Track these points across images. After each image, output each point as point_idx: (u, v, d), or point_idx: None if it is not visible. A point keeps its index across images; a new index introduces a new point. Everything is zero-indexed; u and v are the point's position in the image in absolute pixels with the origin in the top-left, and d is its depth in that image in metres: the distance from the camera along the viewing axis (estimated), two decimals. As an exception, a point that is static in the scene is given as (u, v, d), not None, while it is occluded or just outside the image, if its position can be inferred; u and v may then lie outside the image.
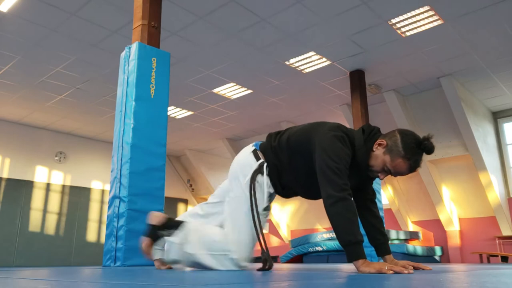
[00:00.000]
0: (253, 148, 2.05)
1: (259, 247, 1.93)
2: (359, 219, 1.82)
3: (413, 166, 1.77)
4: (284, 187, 2.01)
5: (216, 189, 2.30)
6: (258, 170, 1.96)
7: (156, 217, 2.10)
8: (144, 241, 2.10)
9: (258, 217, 1.91)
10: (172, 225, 2.05)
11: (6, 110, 8.40)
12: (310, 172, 1.84)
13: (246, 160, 2.02)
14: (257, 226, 1.90)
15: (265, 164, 1.97)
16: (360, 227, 1.71)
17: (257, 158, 1.99)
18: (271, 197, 2.02)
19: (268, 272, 1.84)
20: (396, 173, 1.80)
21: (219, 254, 1.92)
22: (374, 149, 1.81)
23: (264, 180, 1.95)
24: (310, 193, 2.00)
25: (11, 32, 5.55)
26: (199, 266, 1.96)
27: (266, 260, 1.86)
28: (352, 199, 1.73)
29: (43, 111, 8.39)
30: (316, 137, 1.83)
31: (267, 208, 2.00)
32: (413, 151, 1.75)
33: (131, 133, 3.31)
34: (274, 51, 6.16)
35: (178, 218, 2.26)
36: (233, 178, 2.04)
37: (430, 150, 1.74)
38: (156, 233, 2.06)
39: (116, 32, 5.59)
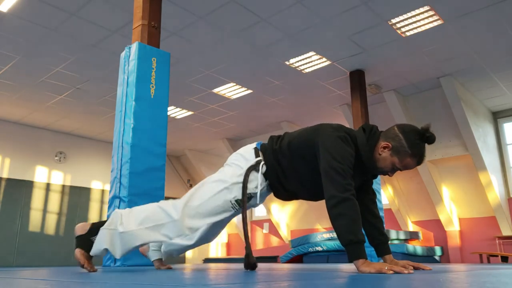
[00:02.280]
0: (255, 146, 2.05)
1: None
2: None
3: (420, 160, 1.84)
4: (286, 190, 2.00)
5: None
6: (254, 167, 1.95)
7: (80, 228, 2.03)
8: (77, 253, 2.00)
9: (246, 214, 1.88)
10: (98, 226, 2.01)
11: (6, 110, 8.40)
12: (314, 175, 1.84)
13: (246, 153, 2.02)
14: (246, 223, 1.87)
15: (262, 163, 1.96)
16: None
17: (257, 156, 1.99)
18: (252, 196, 1.94)
19: (267, 272, 1.84)
20: (405, 169, 1.87)
21: (156, 224, 1.89)
22: (381, 152, 1.83)
23: (258, 178, 1.92)
24: (314, 196, 1.99)
25: (11, 32, 5.55)
26: (130, 247, 1.93)
27: (248, 257, 1.86)
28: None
29: (43, 111, 8.39)
30: (319, 139, 1.83)
31: (240, 203, 1.92)
32: (419, 147, 1.80)
33: (131, 133, 3.31)
34: (274, 51, 6.16)
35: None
36: (226, 164, 2.05)
37: (433, 140, 1.80)
38: (85, 241, 2.00)
39: (116, 32, 5.59)
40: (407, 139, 1.79)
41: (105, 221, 2.02)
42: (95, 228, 2.01)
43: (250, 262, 1.87)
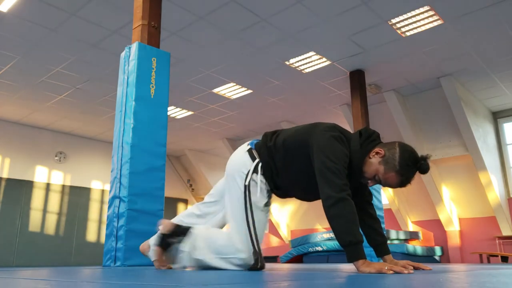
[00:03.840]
0: (249, 147, 2.05)
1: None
2: None
3: (404, 182, 1.78)
4: (278, 188, 2.01)
5: (212, 188, 2.30)
6: (254, 170, 1.96)
7: (166, 226, 2.10)
8: (156, 250, 2.12)
9: (252, 217, 1.92)
10: (180, 232, 2.07)
11: (6, 110, 8.40)
12: (308, 174, 1.83)
13: (241, 160, 2.02)
14: (251, 226, 1.91)
15: (260, 164, 1.97)
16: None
17: (253, 158, 1.99)
18: (269, 193, 2.01)
19: (267, 272, 1.84)
20: (385, 184, 1.80)
21: (227, 256, 1.94)
22: (371, 156, 1.80)
23: (258, 179, 1.95)
24: (307, 195, 1.99)
25: (11, 32, 5.55)
26: (210, 268, 2.00)
27: (258, 260, 1.88)
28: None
29: (43, 111, 8.39)
30: (313, 138, 1.82)
31: (268, 204, 1.99)
32: (408, 168, 1.75)
33: (131, 133, 3.31)
34: (274, 51, 6.16)
35: (174, 220, 2.29)
36: (230, 179, 2.04)
37: (425, 170, 1.75)
38: (166, 241, 2.09)
39: (116, 32, 5.59)
40: (401, 156, 1.75)
41: (187, 228, 2.07)
42: (178, 233, 2.06)
43: (261, 265, 1.90)
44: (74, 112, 8.48)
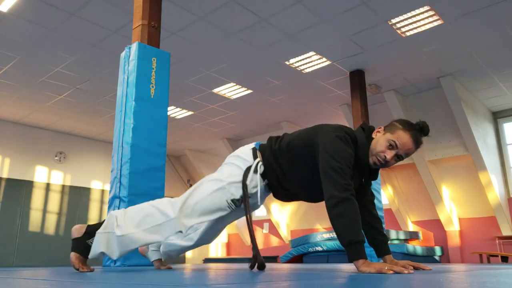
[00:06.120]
0: (253, 146, 2.05)
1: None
2: None
3: (414, 137, 1.81)
4: (285, 190, 2.00)
5: None
6: (251, 167, 1.95)
7: (76, 230, 1.98)
8: (72, 257, 1.94)
9: (250, 214, 1.91)
10: (95, 228, 1.98)
11: (6, 110, 8.40)
12: (314, 175, 1.83)
13: (244, 153, 2.03)
14: (251, 223, 1.88)
15: (260, 163, 1.96)
16: None
17: (255, 157, 1.99)
18: (249, 197, 1.94)
19: (267, 272, 1.84)
20: (402, 144, 1.80)
21: (154, 225, 1.90)
22: (373, 136, 1.87)
23: (257, 179, 1.94)
24: (314, 197, 1.98)
25: (11, 32, 5.55)
26: (128, 249, 1.92)
27: (256, 258, 1.86)
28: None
29: (43, 111, 8.39)
30: (318, 139, 1.83)
31: (236, 202, 1.92)
32: (410, 126, 1.83)
33: (131, 133, 3.31)
34: (274, 51, 6.16)
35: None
36: (224, 163, 2.06)
37: (424, 128, 1.82)
38: (81, 244, 1.96)
39: (116, 32, 5.59)
40: (398, 121, 1.87)
41: (101, 223, 1.99)
42: (92, 230, 1.98)
43: (259, 262, 1.86)
44: (74, 112, 8.48)
